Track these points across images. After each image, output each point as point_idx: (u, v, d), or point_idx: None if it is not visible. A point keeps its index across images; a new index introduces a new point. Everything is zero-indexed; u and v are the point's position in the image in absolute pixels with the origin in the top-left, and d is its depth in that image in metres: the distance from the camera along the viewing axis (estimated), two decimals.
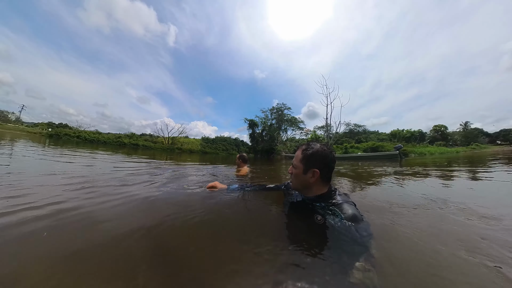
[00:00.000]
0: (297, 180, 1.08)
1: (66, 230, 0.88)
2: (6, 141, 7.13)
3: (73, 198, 1.30)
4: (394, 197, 1.78)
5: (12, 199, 1.20)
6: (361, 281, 0.59)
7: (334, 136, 18.48)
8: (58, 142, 12.94)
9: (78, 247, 0.75)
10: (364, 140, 26.78)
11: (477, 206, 1.40)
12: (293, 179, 1.11)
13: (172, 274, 0.64)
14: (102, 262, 0.68)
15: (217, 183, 1.70)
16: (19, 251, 0.71)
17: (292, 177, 1.12)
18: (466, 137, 40.49)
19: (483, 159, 6.74)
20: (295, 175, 1.09)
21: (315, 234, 0.90)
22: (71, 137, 23.97)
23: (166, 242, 0.84)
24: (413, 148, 17.64)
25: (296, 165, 1.06)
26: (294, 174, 1.09)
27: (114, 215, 1.09)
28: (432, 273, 0.68)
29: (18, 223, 0.90)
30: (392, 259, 0.74)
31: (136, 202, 1.33)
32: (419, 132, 37.11)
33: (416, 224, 1.08)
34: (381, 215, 1.20)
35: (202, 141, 39.80)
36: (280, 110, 30.88)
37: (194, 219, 1.07)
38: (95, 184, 1.76)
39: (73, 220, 0.97)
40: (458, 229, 1.04)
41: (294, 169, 1.09)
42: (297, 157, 1.07)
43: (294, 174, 1.09)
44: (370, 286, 0.58)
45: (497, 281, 0.64)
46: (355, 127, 35.36)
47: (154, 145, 28.17)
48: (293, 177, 1.10)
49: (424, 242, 0.88)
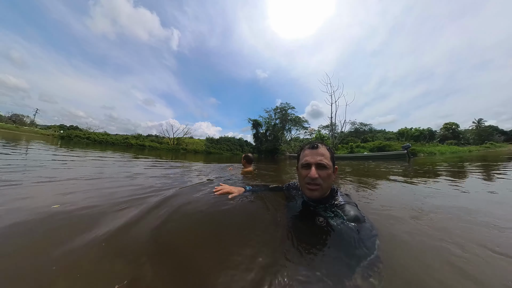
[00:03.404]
0: (329, 182, 0.94)
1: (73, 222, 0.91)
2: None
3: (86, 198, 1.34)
4: (401, 199, 1.73)
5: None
6: (366, 285, 0.57)
7: (339, 135, 18.20)
8: (70, 143, 13.44)
9: (78, 244, 0.77)
10: (370, 140, 26.19)
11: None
12: (324, 182, 0.91)
13: (175, 272, 0.64)
14: (105, 258, 0.70)
15: (232, 188, 1.43)
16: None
17: (321, 180, 0.91)
18: (480, 135, 38.82)
19: (500, 159, 6.42)
20: (328, 177, 0.92)
21: (317, 236, 0.88)
22: (81, 139, 24.85)
23: (168, 240, 0.85)
24: (422, 148, 17.06)
25: (328, 165, 0.92)
26: (327, 176, 0.91)
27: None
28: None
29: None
30: (394, 262, 0.72)
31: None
32: (429, 130, 35.93)
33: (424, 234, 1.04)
34: (383, 219, 1.17)
35: (206, 141, 40.21)
36: (284, 109, 30.74)
37: (197, 218, 1.08)
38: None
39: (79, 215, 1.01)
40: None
41: (325, 171, 0.91)
42: (327, 156, 0.94)
43: (327, 176, 0.91)
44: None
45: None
46: (361, 126, 34.65)
47: (160, 146, 28.74)
48: (324, 180, 0.91)
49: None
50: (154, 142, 32.24)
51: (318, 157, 0.93)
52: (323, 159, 0.92)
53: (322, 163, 0.92)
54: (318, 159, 0.93)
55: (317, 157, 0.93)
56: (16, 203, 1.17)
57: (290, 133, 31.19)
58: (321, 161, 0.92)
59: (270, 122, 31.63)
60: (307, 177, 0.93)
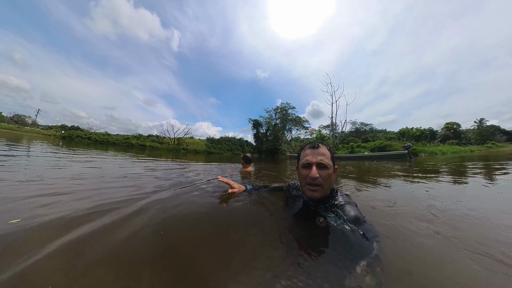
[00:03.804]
0: (330, 182, 0.93)
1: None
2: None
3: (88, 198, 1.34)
4: (401, 199, 1.71)
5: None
6: (365, 286, 0.56)
7: (340, 135, 18.16)
8: (71, 143, 13.49)
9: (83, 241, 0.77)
10: (371, 139, 26.11)
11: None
12: (325, 182, 0.91)
13: (176, 272, 0.64)
14: (108, 255, 0.69)
15: (234, 183, 1.49)
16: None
17: (322, 180, 0.90)
18: (481, 135, 38.61)
19: (503, 158, 6.37)
20: (328, 177, 0.91)
21: (317, 236, 0.87)
22: (83, 139, 24.96)
23: (170, 240, 0.84)
24: (423, 147, 17.00)
25: (329, 165, 0.92)
26: (328, 176, 0.91)
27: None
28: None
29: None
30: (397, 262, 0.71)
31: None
32: (430, 130, 35.79)
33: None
34: (384, 220, 1.16)
35: (207, 141, 40.25)
36: (284, 109, 30.73)
37: (199, 218, 1.07)
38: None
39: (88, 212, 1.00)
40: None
41: (325, 170, 0.91)
42: (327, 156, 0.94)
43: (328, 176, 0.91)
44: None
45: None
46: (362, 125, 34.55)
47: (160, 146, 28.81)
48: (325, 180, 0.90)
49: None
50: (155, 142, 32.32)
51: (319, 156, 0.92)
52: (324, 159, 0.92)
53: (323, 163, 0.91)
54: (319, 159, 0.92)
55: (318, 157, 0.93)
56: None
57: (290, 133, 31.19)
58: (322, 160, 0.91)
59: (270, 122, 31.62)
60: (308, 177, 0.92)
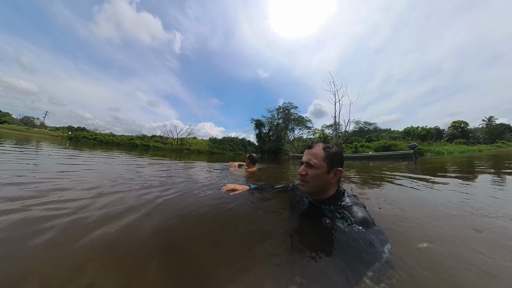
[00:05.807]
0: (317, 181, 0.98)
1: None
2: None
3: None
4: (407, 201, 1.68)
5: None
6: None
7: (343, 134, 17.92)
8: (78, 144, 13.78)
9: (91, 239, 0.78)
10: (375, 139, 25.72)
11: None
12: (311, 180, 0.98)
13: (180, 270, 0.64)
14: (115, 254, 0.70)
15: (237, 185, 1.66)
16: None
17: (309, 178, 0.99)
18: (490, 134, 37.49)
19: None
20: (314, 176, 0.97)
21: (323, 238, 0.87)
22: (89, 139, 25.42)
23: (175, 238, 0.85)
24: (429, 147, 16.61)
25: (317, 165, 0.96)
26: (314, 175, 0.97)
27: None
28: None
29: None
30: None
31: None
32: (436, 129, 34.98)
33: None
34: (390, 223, 1.14)
35: (209, 141, 40.42)
36: (287, 109, 30.57)
37: (202, 217, 1.08)
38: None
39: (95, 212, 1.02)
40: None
41: (313, 169, 0.97)
42: (317, 156, 0.97)
43: (314, 175, 0.97)
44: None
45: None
46: (365, 125, 34.10)
47: (164, 146, 29.10)
48: (311, 178, 0.98)
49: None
50: (158, 142, 32.67)
51: (309, 156, 1.01)
52: (312, 159, 0.99)
53: (310, 163, 0.98)
54: (307, 159, 1.01)
55: (307, 156, 1.01)
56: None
57: (293, 132, 31.00)
58: (310, 160, 0.99)
59: (272, 122, 31.52)
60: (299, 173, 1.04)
